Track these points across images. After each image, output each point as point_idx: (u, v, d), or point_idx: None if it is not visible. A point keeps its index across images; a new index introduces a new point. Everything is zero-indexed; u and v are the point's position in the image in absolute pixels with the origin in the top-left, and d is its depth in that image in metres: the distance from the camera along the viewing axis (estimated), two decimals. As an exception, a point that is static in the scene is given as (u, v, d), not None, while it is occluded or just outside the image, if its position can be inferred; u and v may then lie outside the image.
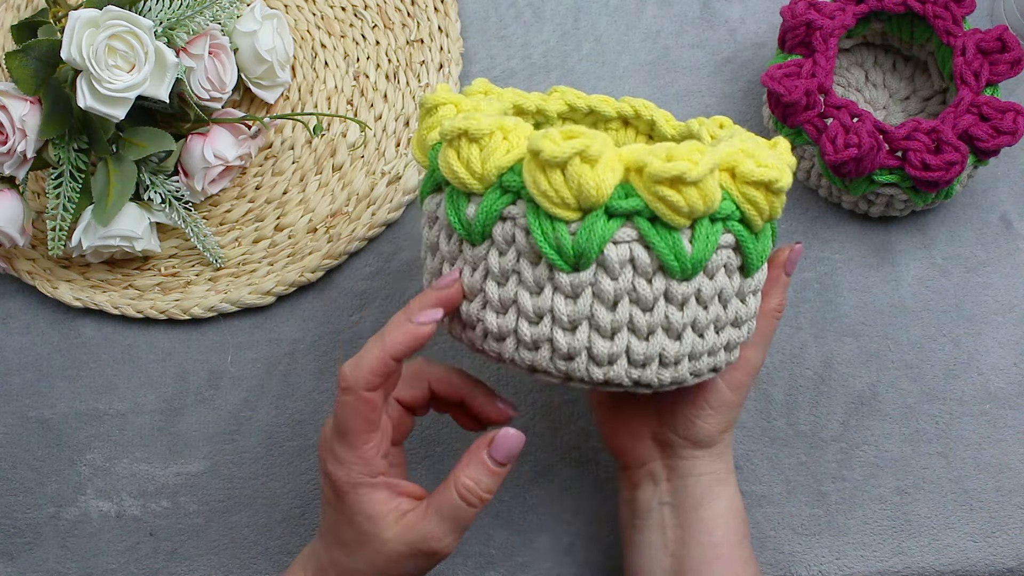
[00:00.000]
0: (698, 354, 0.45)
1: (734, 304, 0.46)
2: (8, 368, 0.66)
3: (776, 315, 0.51)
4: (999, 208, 0.64)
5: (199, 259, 0.66)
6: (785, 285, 0.52)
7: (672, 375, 0.44)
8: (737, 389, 0.51)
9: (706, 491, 0.52)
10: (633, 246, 0.42)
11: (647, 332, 0.43)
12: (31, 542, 0.64)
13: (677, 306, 0.43)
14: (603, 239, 0.41)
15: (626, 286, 0.42)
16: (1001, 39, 0.58)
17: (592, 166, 0.40)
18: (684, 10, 0.69)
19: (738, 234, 0.44)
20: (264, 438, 0.64)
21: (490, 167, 0.42)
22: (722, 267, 0.44)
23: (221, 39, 0.63)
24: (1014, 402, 0.61)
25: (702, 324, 0.44)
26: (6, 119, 0.58)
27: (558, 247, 0.42)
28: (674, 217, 0.41)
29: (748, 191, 0.43)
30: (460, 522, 0.46)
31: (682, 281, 0.43)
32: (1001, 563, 0.60)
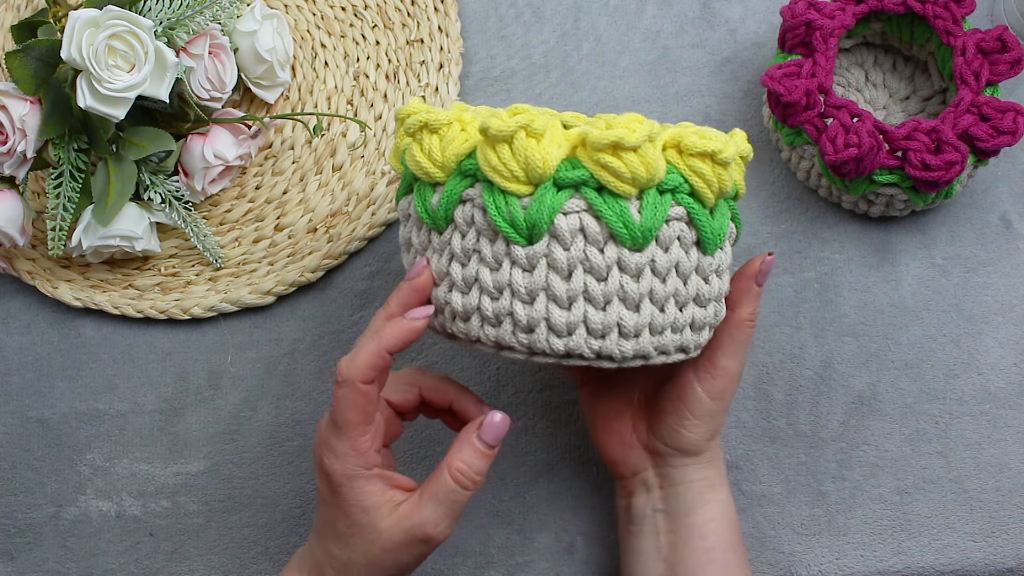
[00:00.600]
0: (659, 328, 0.46)
1: (694, 280, 0.47)
2: (8, 368, 0.66)
3: (748, 324, 0.52)
4: (999, 208, 0.64)
5: (199, 259, 0.66)
6: (757, 295, 0.52)
7: (634, 348, 0.45)
8: (717, 397, 0.52)
9: (697, 497, 0.53)
10: (583, 216, 0.44)
11: (603, 302, 0.44)
12: (31, 542, 0.64)
13: (632, 276, 0.44)
14: (552, 209, 0.43)
15: (578, 255, 0.44)
16: (1001, 39, 0.58)
17: (538, 140, 0.43)
18: (684, 10, 0.69)
19: (688, 207, 0.45)
20: (264, 438, 0.64)
21: (449, 154, 0.45)
22: (675, 239, 0.45)
23: (221, 39, 0.63)
24: (1014, 402, 0.61)
25: (660, 297, 0.45)
26: (6, 119, 0.58)
27: (511, 220, 0.44)
28: (618, 184, 0.43)
29: (693, 163, 0.45)
30: (455, 506, 0.47)
31: (634, 251, 0.44)
32: (1001, 563, 0.60)
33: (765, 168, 0.66)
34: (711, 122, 0.67)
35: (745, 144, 0.48)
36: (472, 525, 0.62)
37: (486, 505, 0.62)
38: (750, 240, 0.64)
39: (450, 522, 0.48)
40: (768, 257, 0.52)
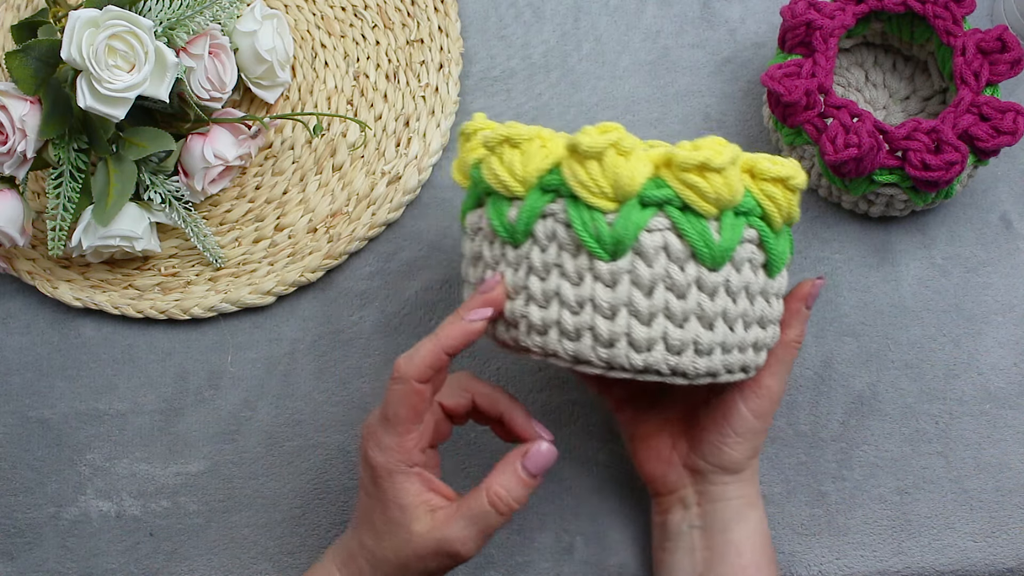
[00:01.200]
0: (730, 346, 0.47)
1: (759, 302, 0.48)
2: (8, 368, 0.66)
3: (795, 346, 0.53)
4: (999, 208, 0.64)
5: (199, 259, 0.66)
6: (805, 318, 0.53)
7: (707, 364, 0.46)
8: (761, 416, 0.53)
9: (735, 514, 0.54)
10: (666, 234, 0.45)
11: (682, 318, 0.46)
12: (31, 542, 0.64)
13: (708, 294, 0.46)
14: (638, 226, 0.44)
15: (661, 272, 0.45)
16: (1001, 39, 0.58)
17: (627, 158, 0.44)
18: (684, 10, 0.69)
19: (760, 230, 0.47)
20: (264, 438, 0.64)
21: (531, 169, 0.46)
22: (747, 261, 0.47)
23: (221, 39, 0.63)
24: (1014, 402, 0.61)
25: (732, 316, 0.47)
26: (6, 119, 0.58)
27: (597, 236, 0.45)
28: (702, 204, 0.45)
29: (767, 187, 0.47)
30: (487, 529, 0.47)
31: (712, 270, 0.46)
32: (1001, 563, 0.60)
33: (765, 168, 0.66)
34: (711, 122, 0.67)
35: (803, 173, 0.50)
36: (472, 525, 0.62)
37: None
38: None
39: (479, 543, 0.48)
40: (818, 280, 0.54)
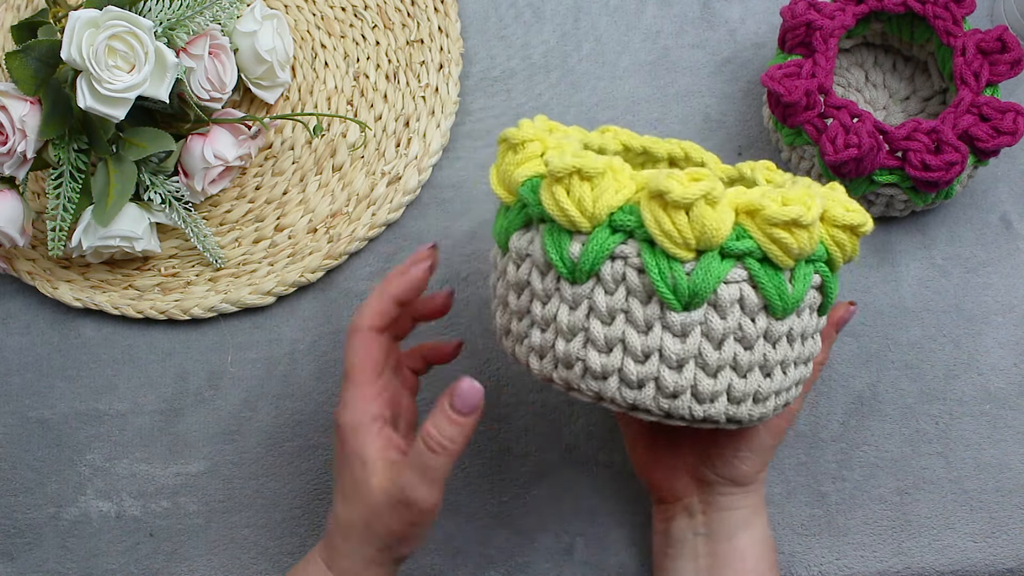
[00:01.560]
0: (782, 389, 0.46)
1: (810, 342, 0.48)
2: (8, 368, 0.66)
3: (818, 368, 0.54)
4: (999, 208, 0.64)
5: (199, 259, 0.66)
6: (832, 341, 0.55)
7: (761, 411, 0.46)
8: (777, 434, 0.54)
9: (742, 522, 0.54)
10: (743, 286, 0.43)
11: (747, 370, 0.44)
12: (31, 542, 0.64)
13: (772, 344, 0.45)
14: (718, 279, 0.43)
15: (733, 325, 0.44)
16: (1001, 39, 0.58)
17: (715, 208, 0.42)
18: (684, 10, 0.69)
19: (824, 275, 0.46)
20: (264, 438, 0.64)
21: (601, 206, 0.43)
22: (808, 307, 0.46)
23: (221, 39, 0.63)
24: (1014, 402, 0.61)
25: (788, 361, 0.46)
26: (6, 119, 0.58)
27: (674, 287, 0.43)
28: (785, 259, 0.43)
29: (837, 234, 0.45)
30: (428, 471, 0.46)
31: (780, 320, 0.45)
32: (1001, 563, 0.60)
33: (765, 168, 0.66)
34: (711, 122, 0.67)
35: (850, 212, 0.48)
36: (472, 525, 0.62)
37: (486, 505, 0.62)
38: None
39: (429, 489, 0.47)
40: (852, 307, 0.55)
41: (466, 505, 0.62)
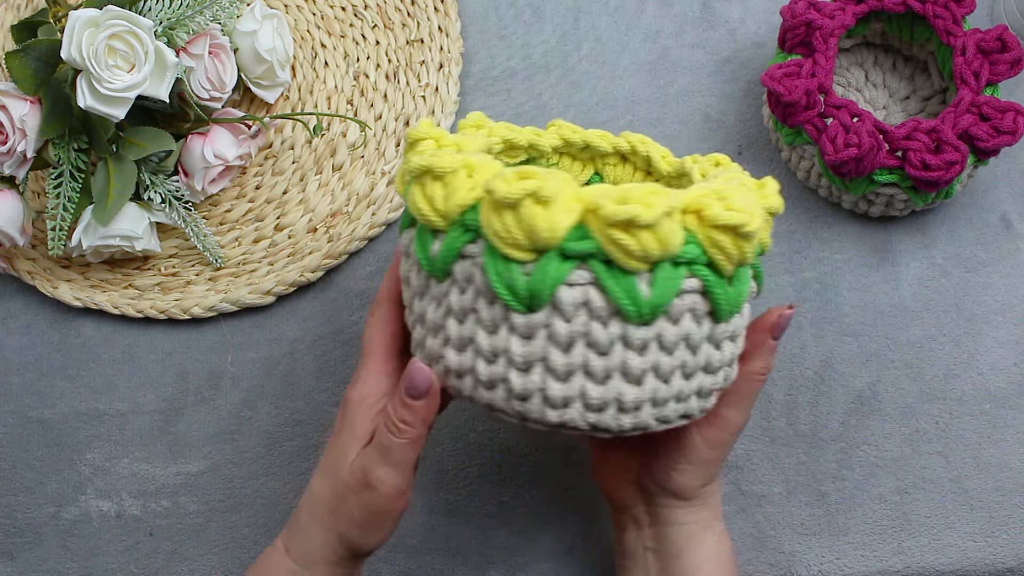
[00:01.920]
0: (663, 400, 0.43)
1: (704, 350, 0.44)
2: (8, 368, 0.66)
3: (759, 379, 0.49)
4: (999, 208, 0.64)
5: (199, 259, 0.66)
6: (771, 349, 0.49)
7: (632, 420, 0.43)
8: (715, 447, 0.50)
9: (688, 540, 0.51)
10: (588, 289, 0.41)
11: (603, 376, 0.42)
12: (31, 542, 0.64)
13: (636, 351, 0.42)
14: (556, 281, 0.40)
15: (580, 329, 0.41)
16: (1001, 39, 0.58)
17: (545, 207, 0.40)
18: (684, 10, 0.69)
19: (704, 279, 0.42)
20: (264, 438, 0.64)
21: (452, 204, 0.42)
22: (687, 312, 0.42)
23: (221, 39, 0.63)
24: (1014, 402, 0.61)
25: (666, 370, 0.42)
26: (6, 119, 0.58)
27: (511, 287, 0.41)
28: (628, 261, 0.40)
29: (714, 235, 0.41)
30: (388, 453, 0.46)
31: (640, 325, 0.41)
32: (1001, 563, 0.60)
33: (765, 168, 0.66)
34: (711, 122, 0.67)
35: (775, 199, 0.46)
36: (472, 525, 0.62)
37: (486, 505, 0.62)
38: (750, 240, 0.64)
39: (389, 471, 0.46)
40: (787, 311, 0.49)
41: (466, 505, 0.62)
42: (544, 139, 0.54)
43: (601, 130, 0.55)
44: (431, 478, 0.63)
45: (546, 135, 0.54)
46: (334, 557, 0.48)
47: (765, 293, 0.63)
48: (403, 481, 0.46)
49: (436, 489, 0.63)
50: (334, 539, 0.48)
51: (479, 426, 0.63)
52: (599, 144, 0.55)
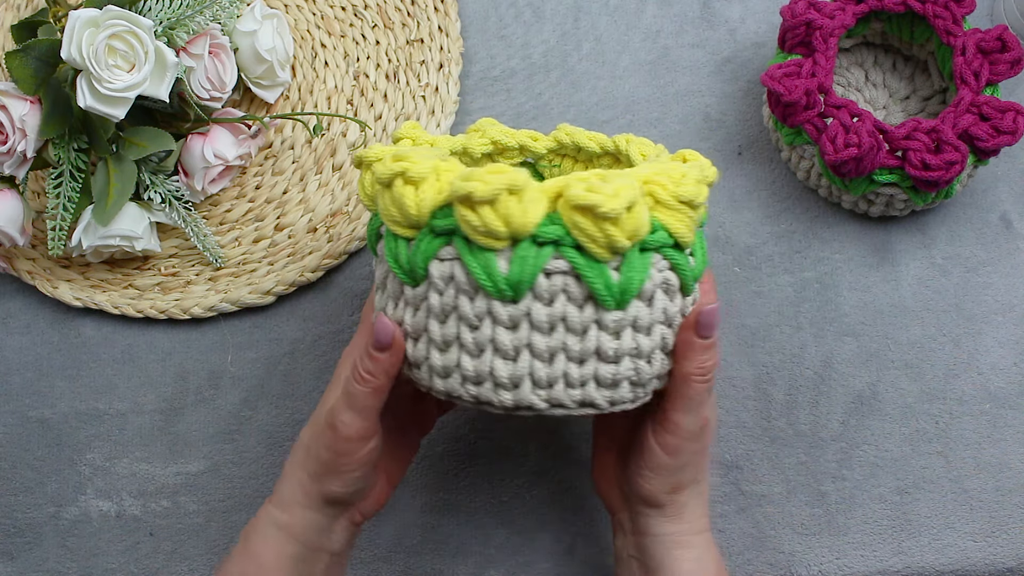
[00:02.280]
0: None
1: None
2: (8, 368, 0.66)
3: (696, 380, 0.47)
4: (999, 208, 0.64)
5: (199, 259, 0.66)
6: (703, 348, 0.47)
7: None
8: (672, 453, 0.49)
9: (666, 554, 0.50)
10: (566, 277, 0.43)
11: (580, 357, 0.44)
12: (31, 542, 0.64)
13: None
14: (536, 267, 0.43)
15: (559, 313, 0.43)
16: (1001, 39, 0.58)
17: (519, 197, 0.42)
18: (684, 10, 0.69)
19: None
20: (264, 438, 0.64)
21: (424, 209, 0.44)
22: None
23: (221, 39, 0.63)
24: (1014, 402, 0.61)
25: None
26: (6, 119, 0.58)
27: (491, 278, 0.43)
28: (594, 249, 0.42)
29: (669, 214, 0.44)
30: (352, 399, 0.47)
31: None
32: (1001, 563, 0.60)
33: (765, 168, 0.66)
34: (711, 122, 0.67)
35: (684, 186, 0.45)
36: (472, 525, 0.62)
37: (486, 505, 0.62)
38: (750, 240, 0.64)
39: (351, 416, 0.47)
40: (709, 307, 0.47)
41: (466, 505, 0.62)
42: (474, 145, 0.55)
43: (533, 131, 0.56)
44: (431, 478, 0.63)
45: (471, 140, 0.55)
46: (306, 501, 0.50)
47: (766, 293, 0.63)
48: (365, 427, 0.48)
49: (436, 489, 0.63)
50: (306, 480, 0.49)
51: (479, 426, 0.63)
52: (535, 147, 0.56)
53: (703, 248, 0.47)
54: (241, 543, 0.51)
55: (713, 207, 0.65)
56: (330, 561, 0.52)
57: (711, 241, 0.64)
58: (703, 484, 0.50)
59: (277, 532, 0.50)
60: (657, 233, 0.44)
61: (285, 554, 0.50)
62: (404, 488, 0.63)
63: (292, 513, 0.50)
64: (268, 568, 0.50)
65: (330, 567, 0.52)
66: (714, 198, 0.65)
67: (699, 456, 0.49)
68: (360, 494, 0.51)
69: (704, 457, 0.50)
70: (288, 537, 0.50)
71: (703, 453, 0.50)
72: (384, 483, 0.54)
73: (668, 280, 0.45)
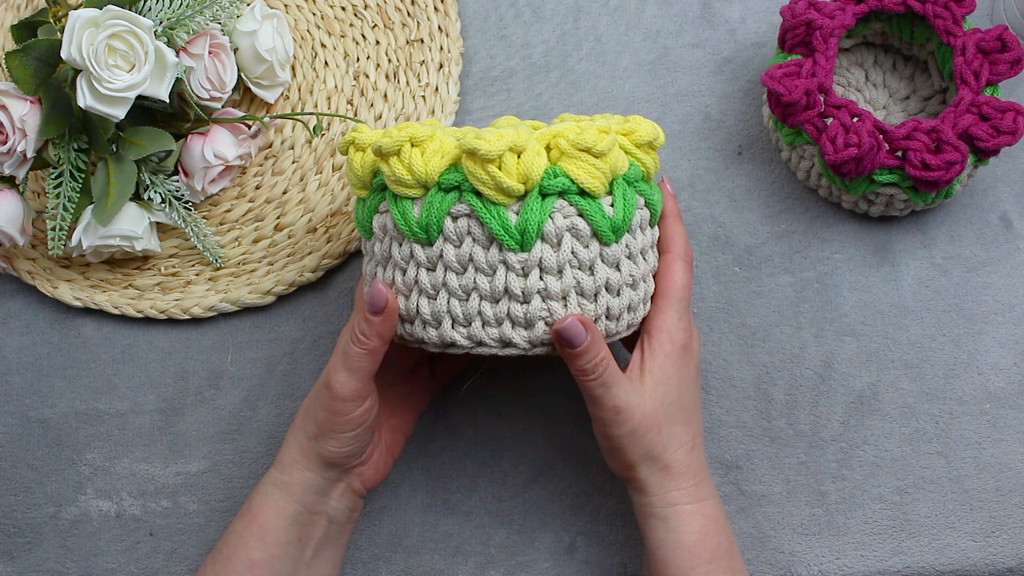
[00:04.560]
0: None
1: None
2: (8, 368, 0.66)
3: (583, 379, 0.50)
4: (999, 208, 0.64)
5: (199, 259, 0.66)
6: (575, 356, 0.49)
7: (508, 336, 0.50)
8: (603, 438, 0.52)
9: (642, 523, 0.54)
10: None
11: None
12: (31, 542, 0.64)
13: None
14: (441, 211, 0.48)
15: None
16: (1001, 39, 0.58)
17: (422, 151, 0.48)
18: (684, 10, 0.69)
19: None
20: (264, 438, 0.64)
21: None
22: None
23: (221, 39, 0.63)
24: (1014, 402, 0.61)
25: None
26: (6, 119, 0.58)
27: (407, 222, 0.49)
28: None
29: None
30: (348, 359, 0.51)
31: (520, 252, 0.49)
32: (1001, 563, 0.60)
33: (765, 168, 0.66)
34: (711, 122, 0.67)
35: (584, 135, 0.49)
36: (472, 525, 0.62)
37: (486, 505, 0.62)
38: (750, 240, 0.64)
39: (346, 375, 0.51)
40: (566, 323, 0.49)
41: (465, 504, 0.62)
42: None
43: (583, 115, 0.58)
44: (430, 477, 0.63)
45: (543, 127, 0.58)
46: (305, 462, 0.53)
47: (766, 293, 0.63)
48: (359, 388, 0.51)
49: (435, 488, 0.63)
50: (304, 441, 0.53)
51: (478, 424, 0.63)
52: None
53: (628, 200, 0.50)
54: (245, 505, 0.55)
55: (713, 207, 0.65)
56: (328, 529, 0.55)
57: (711, 240, 0.64)
58: (665, 461, 0.52)
59: (276, 492, 0.54)
60: (557, 179, 0.48)
61: (284, 513, 0.53)
62: (403, 487, 0.63)
63: (291, 474, 0.53)
64: (267, 528, 0.53)
65: (328, 536, 0.55)
66: (714, 198, 0.65)
67: (637, 439, 0.51)
68: (355, 457, 0.54)
69: (643, 438, 0.51)
70: (287, 497, 0.53)
71: (640, 436, 0.51)
72: (384, 454, 0.57)
73: (576, 225, 0.49)
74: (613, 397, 0.50)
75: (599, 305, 0.50)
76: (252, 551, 0.53)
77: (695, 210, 0.65)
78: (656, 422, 0.51)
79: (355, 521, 0.57)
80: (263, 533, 0.53)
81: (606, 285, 0.50)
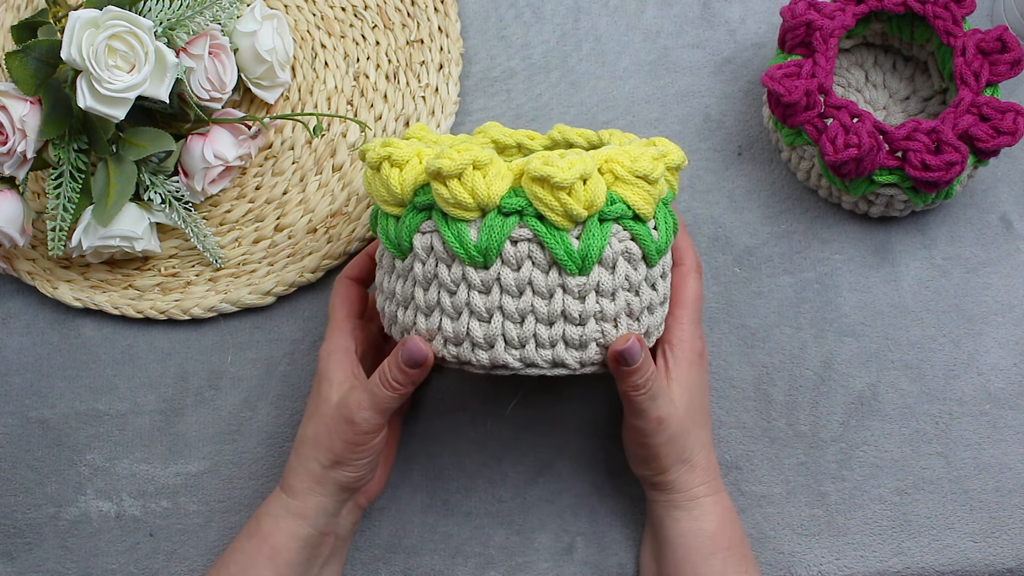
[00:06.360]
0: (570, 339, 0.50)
1: (645, 291, 0.51)
2: (8, 368, 0.66)
3: (633, 394, 0.52)
4: (999, 208, 0.64)
5: (199, 259, 0.66)
6: (628, 374, 0.51)
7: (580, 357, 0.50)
8: (640, 447, 0.55)
9: (665, 515, 0.56)
10: (530, 244, 0.49)
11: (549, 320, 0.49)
12: (31, 542, 0.64)
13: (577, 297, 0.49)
14: (502, 235, 0.48)
15: (526, 277, 0.49)
16: (1001, 39, 0.58)
17: (484, 172, 0.48)
18: (684, 10, 0.69)
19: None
20: (264, 438, 0.64)
21: (406, 187, 0.50)
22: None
23: (221, 39, 0.63)
24: (1014, 402, 0.61)
25: (610, 313, 0.50)
26: (6, 119, 0.58)
27: (463, 246, 0.48)
28: (554, 217, 0.48)
29: (627, 189, 0.49)
30: (376, 400, 0.52)
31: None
32: (1001, 563, 0.60)
33: (765, 168, 0.66)
34: (711, 122, 0.67)
35: (640, 163, 0.49)
36: (472, 525, 0.62)
37: (486, 505, 0.62)
38: (750, 240, 0.64)
39: (372, 413, 0.52)
40: (628, 344, 0.50)
41: (465, 505, 0.62)
42: (537, 140, 0.59)
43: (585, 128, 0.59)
44: (429, 477, 0.63)
45: (538, 137, 0.60)
46: (319, 488, 0.54)
47: (766, 293, 0.63)
48: (381, 423, 0.53)
49: (434, 489, 0.63)
50: (318, 470, 0.54)
51: (478, 425, 0.63)
52: (532, 145, 0.59)
53: (668, 223, 0.52)
54: (252, 525, 0.56)
55: (713, 207, 0.65)
56: (335, 544, 0.57)
57: (711, 241, 0.64)
58: (692, 461, 0.55)
59: (290, 517, 0.55)
60: (615, 205, 0.49)
61: (297, 536, 0.54)
62: (403, 487, 0.63)
63: (304, 500, 0.54)
64: (278, 550, 0.54)
65: (335, 550, 0.57)
66: (714, 198, 0.65)
67: (672, 444, 0.54)
68: (367, 478, 0.56)
69: (677, 443, 0.54)
70: (301, 522, 0.54)
71: (675, 441, 0.54)
72: (383, 465, 0.59)
73: (629, 249, 0.50)
74: (657, 408, 0.53)
75: (642, 324, 0.51)
76: (262, 571, 0.54)
77: (695, 210, 0.65)
78: (686, 427, 0.54)
79: (355, 530, 0.59)
80: (274, 554, 0.54)
81: (648, 305, 0.51)
